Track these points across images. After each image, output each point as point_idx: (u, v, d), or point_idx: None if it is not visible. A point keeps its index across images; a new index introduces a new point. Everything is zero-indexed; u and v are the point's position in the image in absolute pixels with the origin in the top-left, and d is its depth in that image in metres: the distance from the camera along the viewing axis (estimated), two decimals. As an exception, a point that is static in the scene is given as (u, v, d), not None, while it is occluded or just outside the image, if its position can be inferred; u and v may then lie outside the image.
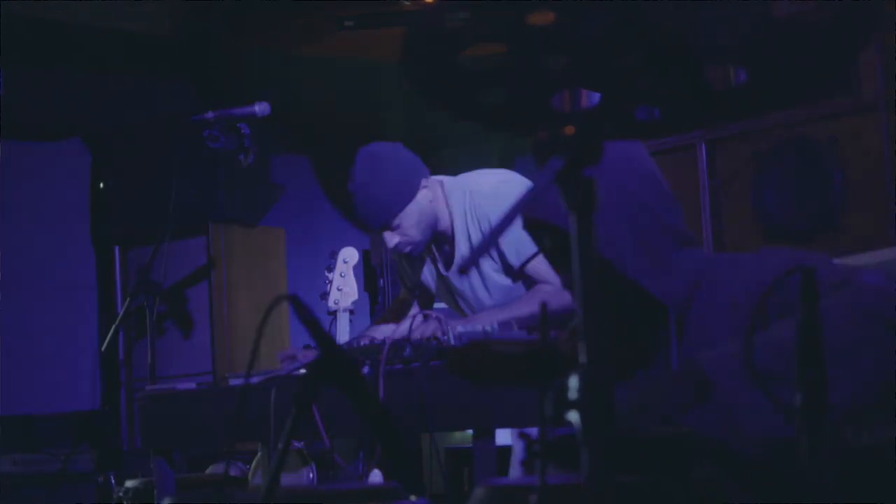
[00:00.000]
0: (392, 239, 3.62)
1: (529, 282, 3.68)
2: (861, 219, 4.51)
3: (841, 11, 1.40)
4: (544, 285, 3.62)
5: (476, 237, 3.68)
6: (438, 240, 3.76)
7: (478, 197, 3.67)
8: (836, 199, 4.56)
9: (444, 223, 3.72)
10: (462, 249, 3.74)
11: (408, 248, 3.66)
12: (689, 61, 1.46)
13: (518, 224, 2.26)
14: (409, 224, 3.61)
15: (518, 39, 1.45)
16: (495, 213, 3.63)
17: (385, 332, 3.79)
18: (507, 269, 3.69)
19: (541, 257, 3.55)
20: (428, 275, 3.89)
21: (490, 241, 1.40)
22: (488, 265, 3.70)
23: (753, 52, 1.47)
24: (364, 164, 3.59)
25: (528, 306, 3.55)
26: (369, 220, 3.61)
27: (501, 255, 3.65)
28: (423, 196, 3.65)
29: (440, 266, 3.83)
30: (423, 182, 3.66)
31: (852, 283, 1.98)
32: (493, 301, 3.75)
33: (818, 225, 4.61)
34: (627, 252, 2.11)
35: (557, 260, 2.28)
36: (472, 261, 1.40)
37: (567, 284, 2.32)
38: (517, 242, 3.58)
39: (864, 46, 1.49)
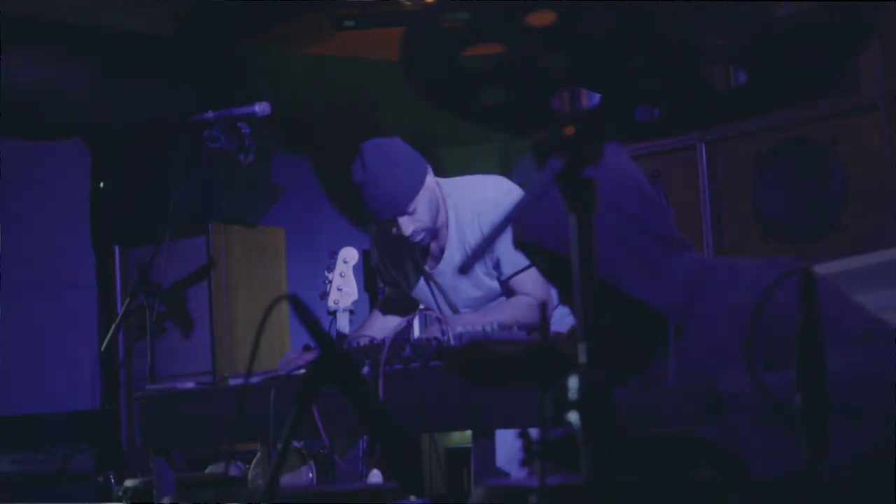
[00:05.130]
0: (408, 226, 3.66)
1: (511, 292, 3.74)
2: (861, 219, 4.51)
3: (841, 11, 1.40)
4: (523, 297, 3.68)
5: (475, 240, 3.73)
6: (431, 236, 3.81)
7: (485, 204, 3.72)
8: (836, 199, 4.56)
9: (441, 219, 3.76)
10: (453, 248, 3.78)
11: (420, 236, 3.71)
12: (689, 61, 1.46)
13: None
14: (423, 209, 3.66)
15: (518, 39, 1.45)
16: None
17: (384, 330, 3.81)
18: (498, 275, 3.75)
19: (529, 271, 3.62)
20: (411, 271, 3.92)
21: (490, 241, 1.39)
22: (479, 269, 3.75)
23: (753, 52, 1.47)
24: (372, 155, 3.62)
25: (504, 313, 3.61)
26: (386, 208, 3.63)
27: (498, 263, 3.70)
28: (430, 180, 3.71)
29: (426, 263, 3.87)
30: (428, 168, 3.73)
31: (878, 336, 1.94)
32: (477, 300, 3.80)
33: (818, 225, 4.61)
34: (619, 265, 2.09)
35: (552, 277, 2.28)
36: (474, 261, 1.40)
37: (564, 299, 2.33)
38: (515, 254, 3.63)
39: (864, 46, 1.49)
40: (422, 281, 3.90)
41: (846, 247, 4.34)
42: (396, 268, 3.97)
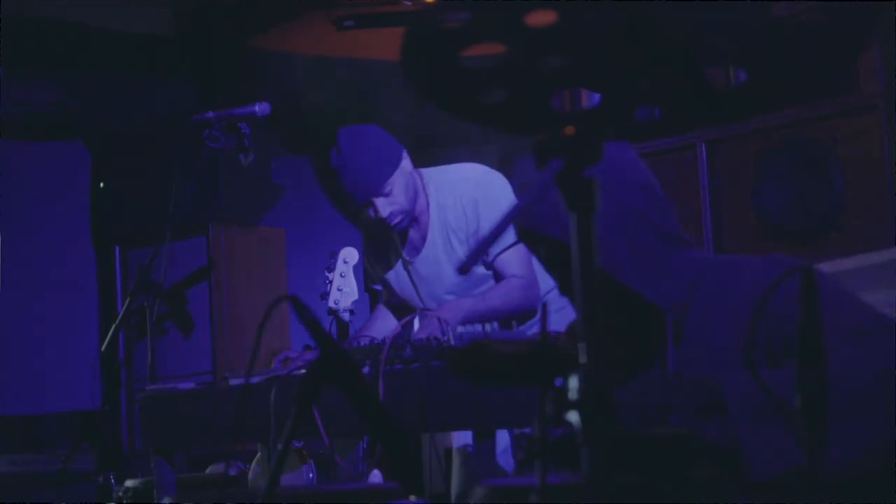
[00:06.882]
0: (385, 207, 3.70)
1: (497, 271, 3.77)
2: (861, 219, 4.50)
3: (840, 11, 1.40)
4: (513, 279, 3.70)
5: (458, 222, 3.76)
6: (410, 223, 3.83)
7: (466, 184, 3.78)
8: (837, 199, 4.56)
9: (421, 204, 3.78)
10: (436, 233, 3.81)
11: (398, 218, 3.73)
12: (689, 61, 1.46)
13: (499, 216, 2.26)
14: (399, 190, 3.70)
15: (518, 39, 1.45)
16: (484, 197, 3.71)
17: (385, 331, 3.82)
18: (485, 256, 3.77)
19: (513, 249, 3.65)
20: (393, 260, 3.95)
21: (489, 243, 1.39)
22: (463, 252, 3.78)
23: (753, 52, 1.47)
24: (347, 139, 3.70)
25: (499, 298, 3.64)
26: (361, 189, 3.68)
27: None
28: (406, 164, 3.75)
29: (407, 251, 3.90)
30: (403, 152, 3.77)
31: (883, 331, 1.94)
32: (461, 284, 3.81)
33: (818, 225, 4.60)
34: (622, 260, 2.09)
35: (553, 268, 2.28)
36: (474, 261, 1.40)
37: (564, 289, 2.32)
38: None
39: (864, 46, 1.49)
40: (402, 269, 3.93)
41: (846, 247, 4.34)
42: (378, 258, 4.00)
